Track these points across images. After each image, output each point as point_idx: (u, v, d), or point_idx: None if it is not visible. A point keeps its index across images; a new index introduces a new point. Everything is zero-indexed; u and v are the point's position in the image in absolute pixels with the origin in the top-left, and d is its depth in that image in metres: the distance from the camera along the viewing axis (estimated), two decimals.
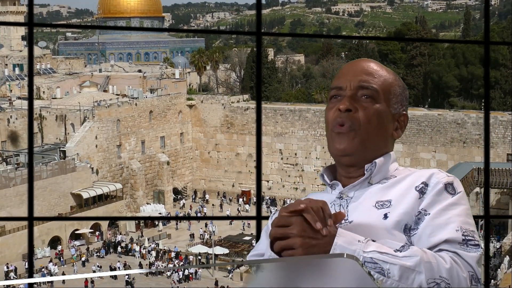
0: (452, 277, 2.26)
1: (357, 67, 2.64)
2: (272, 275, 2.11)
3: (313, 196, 2.65)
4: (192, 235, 63.74)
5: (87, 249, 60.04)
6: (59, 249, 59.58)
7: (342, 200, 2.56)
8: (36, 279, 2.01)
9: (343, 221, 2.48)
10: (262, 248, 2.59)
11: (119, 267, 56.01)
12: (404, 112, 2.67)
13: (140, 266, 57.04)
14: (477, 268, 2.33)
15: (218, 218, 40.62)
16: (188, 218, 68.28)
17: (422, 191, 2.46)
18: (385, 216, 2.43)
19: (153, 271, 55.87)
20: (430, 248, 2.36)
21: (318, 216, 2.26)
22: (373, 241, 2.36)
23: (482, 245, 2.41)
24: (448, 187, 2.47)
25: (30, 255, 4.78)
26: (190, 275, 54.91)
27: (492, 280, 43.86)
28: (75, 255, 58.87)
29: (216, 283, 53.14)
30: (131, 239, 62.72)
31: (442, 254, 2.32)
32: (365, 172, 2.56)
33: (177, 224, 66.95)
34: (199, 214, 71.19)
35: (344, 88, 2.60)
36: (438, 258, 2.29)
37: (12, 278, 54.14)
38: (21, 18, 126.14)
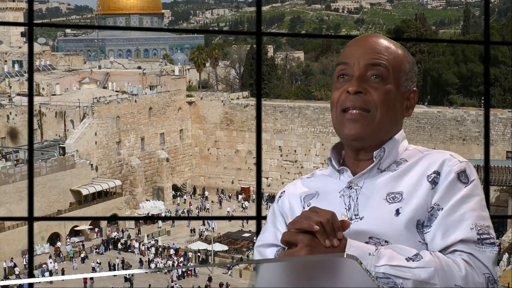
0: (468, 284, 2.21)
1: (366, 44, 2.54)
2: (272, 275, 2.09)
3: (319, 180, 2.60)
4: (193, 230, 63.78)
5: (83, 245, 59.85)
6: (58, 245, 59.56)
7: (351, 190, 2.48)
8: (36, 279, 1.99)
9: (353, 218, 2.43)
10: (268, 238, 2.54)
11: (118, 264, 56.01)
12: (414, 88, 2.59)
13: (140, 262, 57.03)
14: (493, 269, 2.29)
15: (218, 218, 40.51)
16: (188, 218, 68.24)
17: (434, 181, 2.40)
18: (397, 212, 2.36)
19: (149, 271, 55.77)
20: (444, 249, 2.31)
21: (327, 230, 2.20)
22: (386, 242, 2.32)
23: (495, 236, 2.36)
24: (461, 176, 2.41)
25: (30, 255, 4.77)
26: (189, 272, 54.90)
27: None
28: (71, 251, 58.89)
29: (210, 279, 53.11)
30: (129, 236, 62.66)
31: (457, 260, 2.26)
32: (374, 159, 2.49)
33: (173, 222, 66.91)
34: (200, 211, 71.11)
35: (352, 65, 2.50)
36: (453, 265, 2.24)
37: (13, 273, 54.19)
38: (20, 15, 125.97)
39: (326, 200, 2.52)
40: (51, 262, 55.38)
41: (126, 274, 53.86)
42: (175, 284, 52.07)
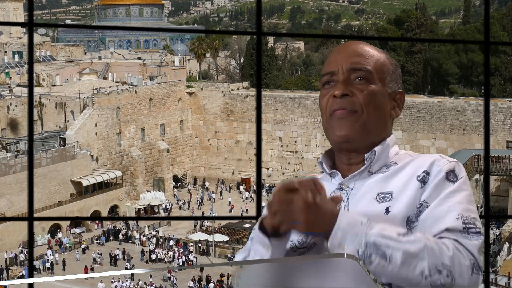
0: (454, 265, 2.23)
1: (347, 50, 2.58)
2: (271, 275, 2.09)
3: None
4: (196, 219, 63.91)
5: (80, 240, 59.82)
6: (59, 236, 59.67)
7: (342, 192, 2.51)
8: (36, 279, 1.99)
9: None
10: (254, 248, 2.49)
11: (118, 255, 56.09)
12: (400, 90, 2.62)
13: (142, 253, 57.10)
14: (478, 256, 2.30)
15: (218, 218, 40.52)
16: (187, 218, 68.22)
17: (423, 181, 2.43)
18: (387, 211, 2.39)
19: (151, 270, 55.98)
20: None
21: (311, 190, 2.23)
22: None
23: (481, 228, 2.38)
24: (450, 175, 2.43)
25: (30, 255, 4.76)
26: (190, 262, 55.00)
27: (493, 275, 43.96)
28: (70, 241, 59.04)
29: (202, 269, 53.21)
30: (128, 227, 62.69)
31: (445, 241, 2.29)
32: (365, 161, 2.51)
33: (169, 212, 67.02)
34: (202, 203, 71.08)
35: (336, 72, 2.54)
36: (441, 245, 2.26)
37: (13, 263, 54.33)
38: (20, 5, 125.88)
39: None
40: (51, 254, 55.39)
41: (127, 264, 54.03)
42: (172, 276, 52.07)
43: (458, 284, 2.23)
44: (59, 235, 59.98)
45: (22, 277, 51.17)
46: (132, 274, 52.09)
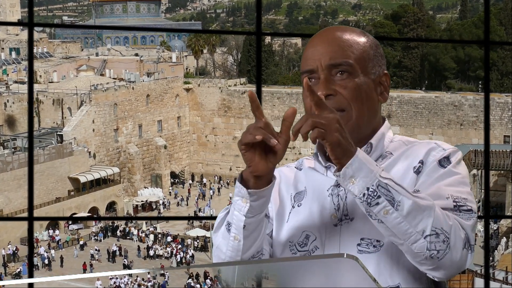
0: (451, 233, 2.21)
1: (323, 43, 2.48)
2: (271, 275, 2.07)
3: (308, 175, 2.58)
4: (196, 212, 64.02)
5: (78, 237, 59.78)
6: (57, 233, 59.62)
7: (339, 189, 2.46)
8: (36, 279, 2.00)
9: (343, 218, 2.44)
10: None
11: (115, 251, 56.04)
12: (385, 71, 2.53)
13: (138, 250, 57.11)
14: (471, 234, 2.28)
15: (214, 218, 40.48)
16: (187, 218, 68.28)
17: (418, 171, 2.41)
18: None
19: (152, 270, 55.97)
20: None
21: (269, 132, 2.29)
22: (377, 241, 2.35)
23: (475, 208, 2.34)
24: (443, 161, 2.40)
25: (30, 255, 4.76)
26: (188, 260, 55.03)
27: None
28: (68, 236, 59.11)
29: (188, 263, 53.21)
30: (126, 223, 62.68)
31: (447, 212, 2.27)
32: None
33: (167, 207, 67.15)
34: (199, 199, 71.10)
35: (315, 70, 2.46)
36: (444, 212, 2.25)
37: (11, 260, 54.32)
38: (16, 2, 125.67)
39: (316, 200, 2.51)
40: (45, 251, 55.18)
41: (124, 261, 54.04)
42: (167, 272, 52.06)
43: (450, 254, 2.22)
44: (57, 232, 59.91)
45: (19, 273, 51.27)
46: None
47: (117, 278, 50.35)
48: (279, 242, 2.56)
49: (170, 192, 72.81)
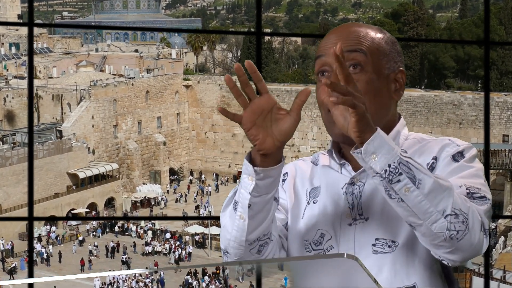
0: (469, 215, 2.19)
1: (341, 32, 2.49)
2: (271, 275, 2.06)
3: (323, 172, 2.57)
4: (196, 207, 63.91)
5: (76, 232, 59.83)
6: (54, 229, 59.60)
7: (354, 187, 2.46)
8: (36, 279, 2.03)
9: (358, 218, 2.43)
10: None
11: (113, 247, 56.04)
12: (401, 68, 2.51)
13: (134, 246, 57.12)
14: (485, 219, 2.27)
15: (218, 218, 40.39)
16: (186, 218, 68.24)
17: (432, 167, 2.39)
18: None
19: (152, 271, 56.01)
20: None
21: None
22: (393, 242, 2.36)
23: (490, 197, 2.32)
24: (457, 156, 2.39)
25: (30, 254, 4.81)
26: (186, 256, 55.08)
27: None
28: (65, 231, 59.21)
29: (177, 262, 53.32)
30: (126, 219, 62.78)
31: (465, 196, 2.25)
32: None
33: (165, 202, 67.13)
34: (197, 195, 71.14)
35: (329, 55, 2.41)
36: (462, 195, 2.24)
37: (10, 255, 54.33)
38: None
39: (331, 198, 2.50)
40: (43, 247, 55.17)
41: (123, 257, 54.05)
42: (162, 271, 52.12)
43: (469, 235, 2.19)
44: (53, 228, 59.87)
45: (15, 268, 51.38)
46: (129, 267, 52.17)
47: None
48: (294, 238, 2.55)
49: (167, 190, 72.72)
